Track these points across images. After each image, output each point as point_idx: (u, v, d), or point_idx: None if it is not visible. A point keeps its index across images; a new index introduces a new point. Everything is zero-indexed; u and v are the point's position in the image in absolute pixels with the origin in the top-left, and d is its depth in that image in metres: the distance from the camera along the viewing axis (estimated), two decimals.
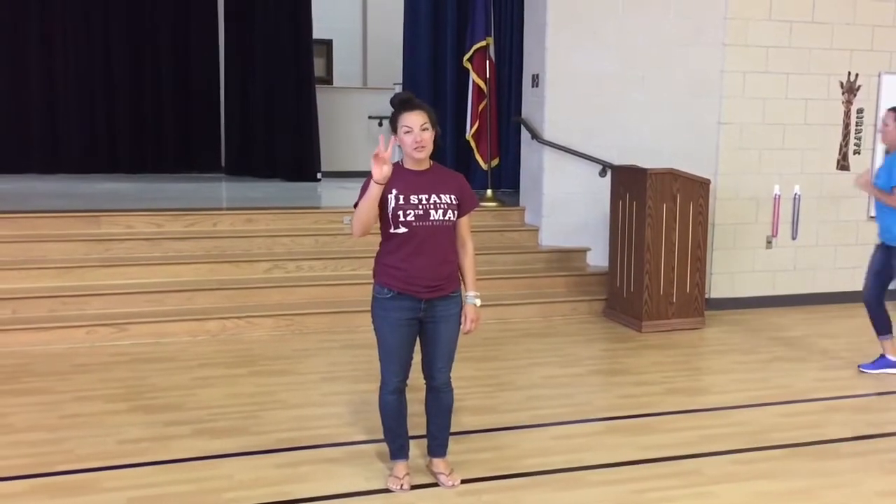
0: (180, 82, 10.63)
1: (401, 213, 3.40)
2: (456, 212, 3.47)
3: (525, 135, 7.48)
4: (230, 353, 5.59)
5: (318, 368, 5.34)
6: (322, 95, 10.04)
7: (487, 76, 7.80)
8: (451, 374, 3.65)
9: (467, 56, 7.86)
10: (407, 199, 3.40)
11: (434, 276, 3.44)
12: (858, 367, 5.51)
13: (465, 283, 3.59)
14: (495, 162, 8.14)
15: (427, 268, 3.42)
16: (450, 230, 3.49)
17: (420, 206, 3.39)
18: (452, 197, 3.46)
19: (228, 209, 7.43)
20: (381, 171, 3.25)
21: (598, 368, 5.68)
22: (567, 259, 7.28)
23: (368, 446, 4.06)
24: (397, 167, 3.44)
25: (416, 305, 3.47)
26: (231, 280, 6.41)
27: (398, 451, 3.71)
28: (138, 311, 5.95)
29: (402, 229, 3.41)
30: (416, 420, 3.80)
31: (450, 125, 8.98)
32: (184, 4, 10.65)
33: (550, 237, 7.32)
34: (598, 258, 7.21)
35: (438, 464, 3.74)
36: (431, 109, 3.45)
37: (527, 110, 7.52)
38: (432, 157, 3.51)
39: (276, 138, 9.97)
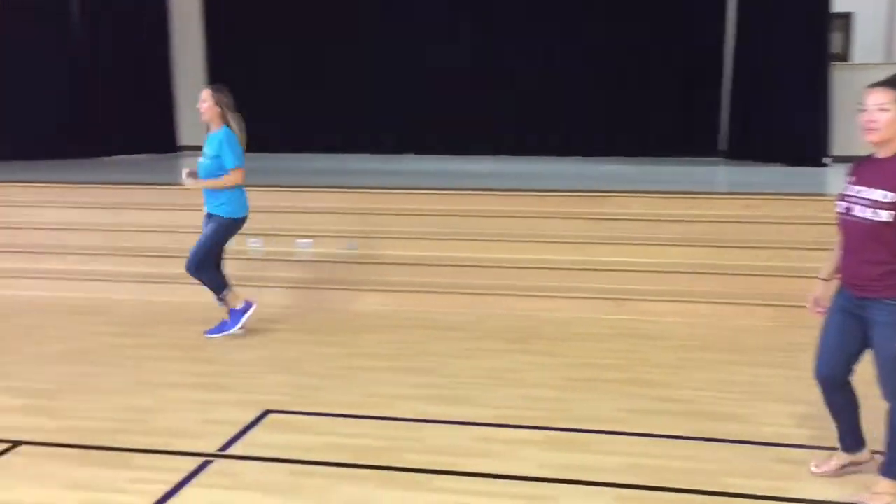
0: (679, 67, 10.64)
1: (838, 202, 3.23)
2: (891, 212, 3.01)
3: None
4: (720, 338, 5.53)
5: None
6: (838, 74, 9.27)
7: None
8: None
9: None
10: (848, 190, 3.21)
11: (854, 276, 3.20)
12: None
13: None
14: None
15: (849, 266, 3.23)
16: (879, 229, 3.04)
17: (849, 199, 3.17)
18: (889, 195, 3.01)
19: (726, 193, 7.32)
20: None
21: None
22: None
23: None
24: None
25: (851, 296, 3.25)
26: (726, 266, 6.31)
27: (838, 439, 3.56)
28: (634, 289, 6.19)
29: (838, 219, 3.26)
30: None
31: None
32: None
33: None
34: None
35: (878, 483, 3.30)
36: None
37: None
38: None
39: (780, 120, 9.47)
